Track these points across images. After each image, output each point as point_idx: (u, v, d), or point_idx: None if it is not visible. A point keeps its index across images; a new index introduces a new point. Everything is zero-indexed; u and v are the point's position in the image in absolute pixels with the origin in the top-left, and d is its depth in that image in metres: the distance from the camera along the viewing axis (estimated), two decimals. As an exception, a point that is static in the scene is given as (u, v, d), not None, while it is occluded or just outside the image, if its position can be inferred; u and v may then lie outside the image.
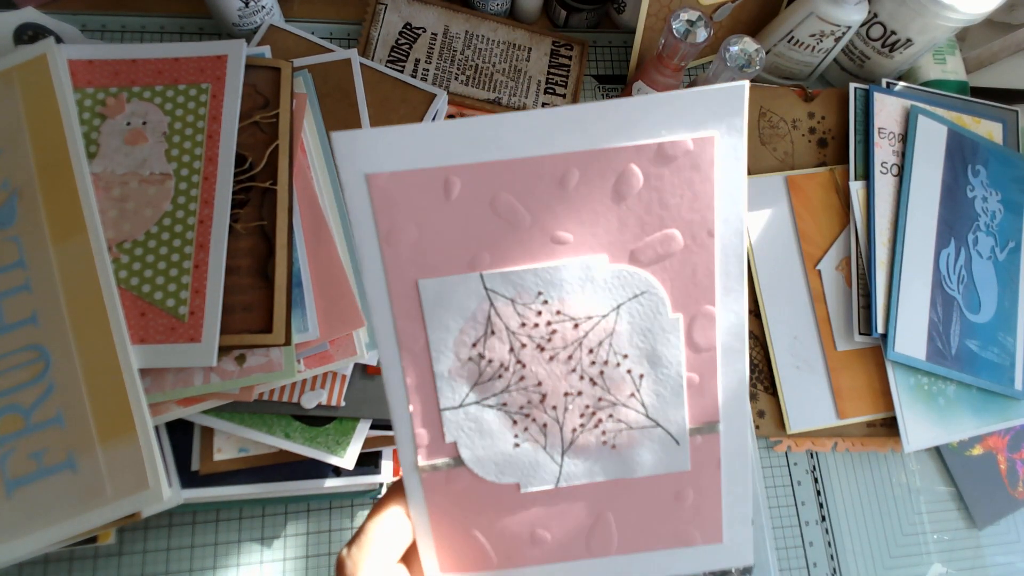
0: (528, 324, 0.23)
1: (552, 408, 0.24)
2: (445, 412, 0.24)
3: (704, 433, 0.25)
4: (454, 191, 0.22)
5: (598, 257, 0.23)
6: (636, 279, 0.23)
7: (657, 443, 0.24)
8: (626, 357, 0.24)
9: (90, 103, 0.40)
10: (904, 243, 0.51)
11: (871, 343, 0.52)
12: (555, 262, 0.23)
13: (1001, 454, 0.54)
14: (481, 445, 0.24)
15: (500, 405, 0.24)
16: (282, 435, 0.40)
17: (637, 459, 0.24)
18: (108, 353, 0.35)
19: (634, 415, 0.24)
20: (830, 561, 0.49)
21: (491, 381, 0.24)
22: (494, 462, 0.24)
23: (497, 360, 0.23)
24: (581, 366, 0.24)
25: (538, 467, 0.24)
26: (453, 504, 0.24)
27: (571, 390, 0.24)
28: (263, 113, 0.42)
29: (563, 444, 0.24)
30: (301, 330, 0.39)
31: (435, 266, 0.22)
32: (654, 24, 0.56)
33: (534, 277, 0.23)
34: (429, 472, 0.24)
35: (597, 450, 0.24)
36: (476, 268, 0.23)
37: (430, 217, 0.22)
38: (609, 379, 0.24)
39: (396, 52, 0.56)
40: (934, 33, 0.54)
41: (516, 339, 0.23)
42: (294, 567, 0.44)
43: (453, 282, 0.23)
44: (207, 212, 0.39)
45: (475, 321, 0.23)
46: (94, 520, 0.34)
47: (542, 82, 0.58)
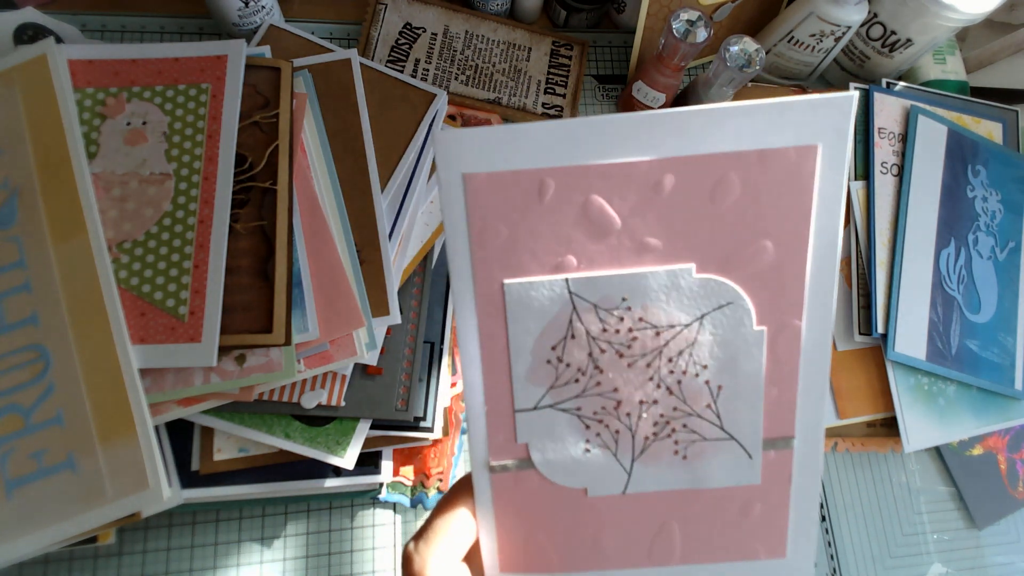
0: (609, 330, 0.23)
1: (626, 415, 0.24)
2: (519, 413, 0.24)
3: (778, 448, 0.24)
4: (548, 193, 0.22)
5: (686, 267, 0.23)
6: (723, 290, 0.23)
7: (729, 455, 0.24)
8: (705, 368, 0.23)
9: (90, 103, 0.40)
10: (904, 243, 0.51)
11: (871, 343, 0.52)
12: (641, 269, 0.23)
13: (1001, 454, 0.54)
14: (552, 448, 0.24)
15: (574, 410, 0.24)
16: (282, 435, 0.40)
17: (707, 470, 0.24)
18: (108, 353, 0.35)
19: (708, 426, 0.24)
20: (830, 561, 0.49)
21: (567, 385, 0.24)
22: (563, 466, 0.24)
23: (575, 364, 0.23)
24: (659, 375, 0.24)
25: (607, 473, 0.24)
26: (519, 505, 0.24)
27: (647, 398, 0.24)
28: (263, 113, 0.42)
29: (634, 451, 0.24)
30: (301, 330, 0.39)
31: (521, 267, 0.23)
32: (654, 24, 0.56)
33: (619, 283, 0.23)
34: (499, 472, 0.24)
35: (668, 459, 0.24)
36: (562, 271, 0.23)
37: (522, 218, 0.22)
38: (686, 389, 0.24)
39: (396, 52, 0.56)
40: (934, 33, 0.54)
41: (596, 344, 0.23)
42: (294, 567, 0.44)
43: (538, 284, 0.23)
44: (207, 212, 0.39)
45: (556, 324, 0.23)
46: (94, 520, 0.34)
47: (542, 82, 0.58)
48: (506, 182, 0.22)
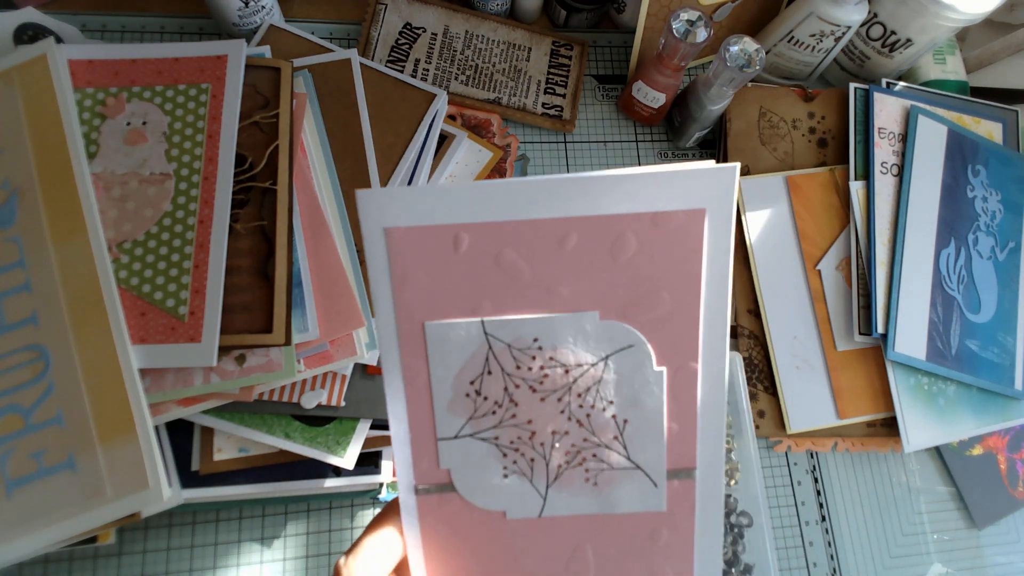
0: (523, 367, 0.25)
1: (540, 445, 0.26)
2: (441, 442, 0.26)
3: (681, 478, 0.26)
4: (463, 246, 0.24)
5: (590, 314, 0.25)
6: (624, 333, 0.25)
7: (636, 484, 0.26)
8: (611, 403, 0.26)
9: (90, 103, 0.40)
10: (904, 243, 0.51)
11: (871, 343, 0.52)
12: (550, 315, 0.25)
13: (1001, 454, 0.54)
14: (472, 474, 0.26)
15: (492, 439, 0.26)
16: (282, 435, 0.40)
17: (616, 497, 0.26)
18: (108, 353, 0.35)
19: (616, 456, 0.26)
20: (830, 561, 0.49)
21: (485, 416, 0.26)
22: (483, 490, 0.26)
23: (492, 398, 0.25)
24: (569, 408, 0.26)
25: (524, 498, 0.26)
26: (443, 525, 0.26)
27: (559, 429, 0.26)
28: (263, 113, 0.42)
29: (548, 478, 0.26)
30: (301, 330, 0.39)
31: (441, 310, 0.25)
32: (654, 24, 0.56)
33: (531, 326, 0.25)
34: (423, 495, 0.26)
35: (580, 486, 0.26)
36: (478, 314, 0.25)
37: (440, 267, 0.24)
38: (595, 422, 0.26)
39: (396, 52, 0.56)
40: (934, 33, 0.54)
41: (511, 380, 0.25)
42: (294, 567, 0.44)
43: (457, 326, 0.25)
44: (207, 212, 0.39)
45: (474, 362, 0.25)
46: (94, 520, 0.34)
47: (542, 82, 0.58)
48: (424, 235, 0.24)
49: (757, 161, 0.56)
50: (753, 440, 0.47)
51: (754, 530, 0.47)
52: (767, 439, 0.52)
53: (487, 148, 0.54)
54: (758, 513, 0.46)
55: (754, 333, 0.53)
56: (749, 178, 0.55)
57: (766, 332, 0.52)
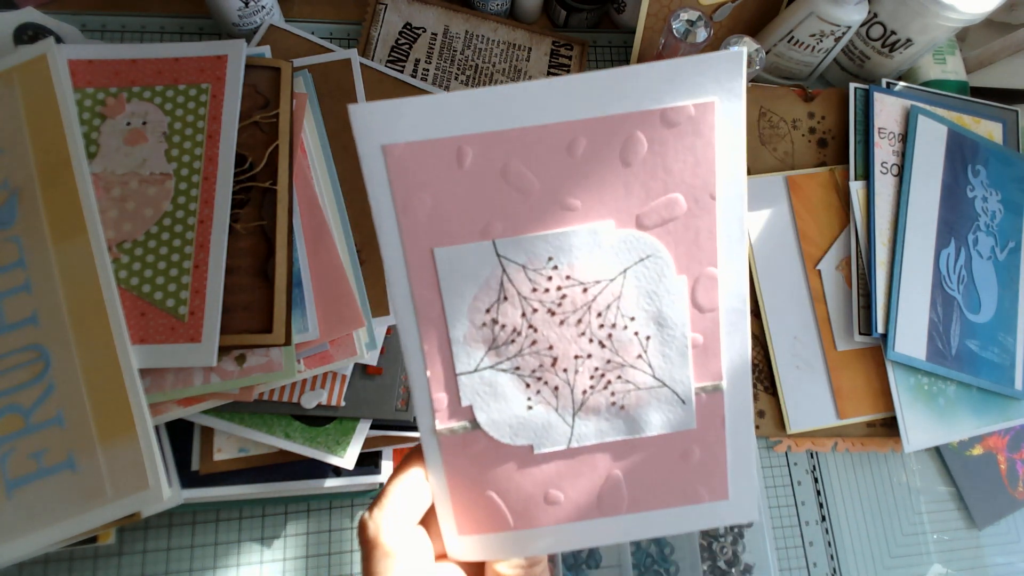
0: (539, 289, 0.24)
1: (563, 371, 0.25)
2: (461, 377, 0.24)
3: (708, 392, 0.25)
4: (467, 160, 0.22)
5: (605, 223, 0.23)
6: (642, 243, 0.24)
7: (664, 402, 0.25)
8: (633, 319, 0.24)
9: (90, 103, 0.40)
10: (904, 243, 0.51)
11: (871, 343, 0.52)
12: (564, 229, 0.23)
13: (1001, 454, 0.54)
14: (496, 408, 0.25)
15: (513, 369, 0.24)
16: (282, 435, 0.40)
17: (645, 418, 0.25)
18: (108, 353, 0.35)
19: (641, 376, 0.25)
20: (830, 561, 0.49)
21: (504, 346, 0.24)
22: (508, 424, 0.25)
23: (510, 325, 0.24)
24: (590, 329, 0.24)
25: (551, 428, 0.25)
26: (470, 466, 0.25)
27: (581, 353, 0.24)
28: (263, 113, 0.42)
29: (574, 405, 0.25)
30: (301, 330, 0.39)
31: (450, 234, 0.23)
32: (654, 24, 0.56)
33: (544, 243, 0.23)
34: (446, 435, 0.25)
35: (607, 410, 0.25)
36: (489, 236, 0.23)
37: (444, 186, 0.23)
38: (617, 341, 0.24)
39: (396, 52, 0.56)
40: (934, 33, 0.54)
41: (528, 304, 0.24)
42: (294, 567, 0.44)
43: (467, 250, 0.23)
44: (207, 212, 0.39)
45: (488, 287, 0.24)
46: (94, 520, 0.34)
47: (542, 82, 0.58)
48: (425, 151, 0.22)
49: (757, 161, 0.56)
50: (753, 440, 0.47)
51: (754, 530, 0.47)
52: (767, 439, 0.52)
53: (487, 148, 0.54)
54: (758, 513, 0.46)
55: (754, 333, 0.53)
56: (749, 178, 0.55)
57: (766, 332, 0.52)
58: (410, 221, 0.23)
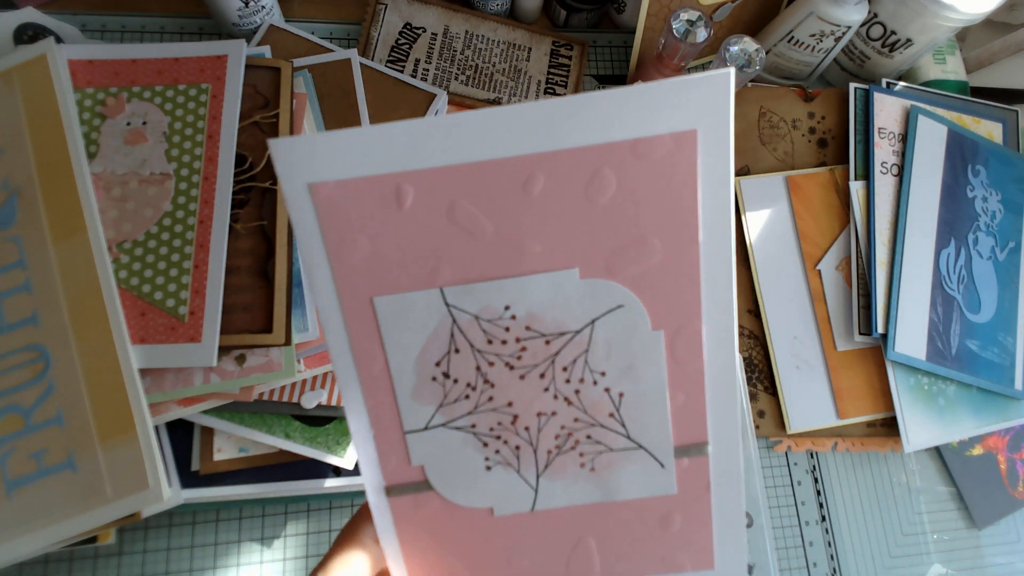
0: (495, 341, 0.22)
1: (525, 429, 0.23)
2: (410, 435, 0.22)
3: (691, 455, 0.23)
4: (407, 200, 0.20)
5: (569, 272, 0.21)
6: (610, 292, 0.21)
7: (640, 465, 0.23)
8: (603, 375, 0.22)
9: (90, 103, 0.40)
10: (904, 243, 0.51)
11: (871, 343, 0.52)
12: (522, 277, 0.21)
13: (1001, 454, 0.54)
14: (450, 469, 0.23)
15: (468, 427, 0.22)
16: (282, 435, 0.40)
17: (619, 482, 0.23)
18: (108, 353, 0.35)
19: (614, 436, 0.23)
20: (830, 561, 0.49)
21: (458, 402, 0.22)
22: (464, 486, 0.23)
23: (463, 380, 0.22)
24: (555, 385, 0.22)
25: (512, 491, 0.23)
26: (424, 529, 0.23)
27: (545, 410, 0.22)
28: (263, 113, 0.42)
29: (538, 466, 0.23)
30: (301, 330, 0.39)
31: (391, 282, 0.21)
32: (654, 24, 0.56)
33: (499, 291, 0.21)
34: (396, 496, 0.23)
35: (575, 473, 0.23)
36: (436, 283, 0.21)
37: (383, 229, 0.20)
38: (585, 398, 0.22)
39: (396, 52, 0.56)
40: (934, 33, 0.54)
41: (483, 357, 0.22)
42: (294, 567, 0.44)
43: (411, 298, 0.21)
44: (207, 212, 0.39)
45: (437, 339, 0.22)
46: (94, 520, 0.34)
47: (542, 82, 0.58)
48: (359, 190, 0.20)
49: (757, 161, 0.56)
50: (753, 440, 0.47)
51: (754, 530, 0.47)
52: (767, 439, 0.52)
53: (487, 148, 0.54)
54: (758, 513, 0.46)
55: (754, 333, 0.53)
56: (749, 178, 0.55)
57: (766, 332, 0.52)
58: (345, 267, 0.21)
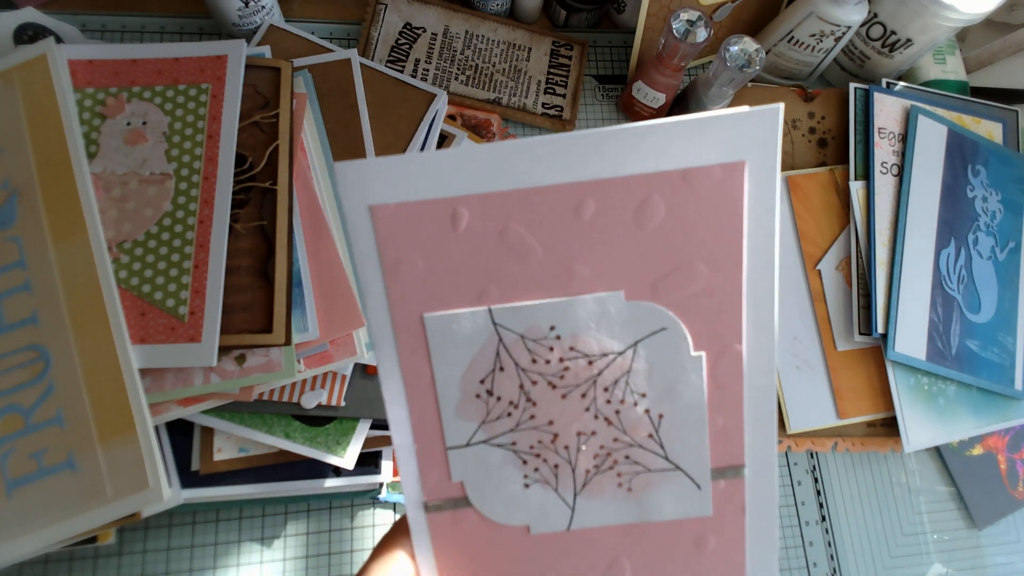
0: (539, 360, 0.22)
1: (564, 448, 0.23)
2: (451, 451, 0.23)
3: (728, 477, 0.23)
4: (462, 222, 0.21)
5: (614, 293, 0.22)
6: (655, 315, 0.22)
7: (676, 487, 0.23)
8: (644, 396, 0.23)
9: (90, 103, 0.40)
10: (904, 243, 0.51)
11: (871, 343, 0.52)
12: (568, 298, 0.22)
13: (1001, 454, 0.54)
14: (489, 486, 0.23)
15: (509, 444, 0.23)
16: (282, 435, 0.40)
17: (655, 503, 0.23)
18: (108, 353, 0.35)
19: (652, 457, 0.23)
20: (830, 561, 0.49)
21: (500, 419, 0.23)
22: (503, 504, 0.23)
23: (506, 398, 0.23)
24: (596, 405, 0.23)
25: (549, 509, 0.23)
26: (460, 546, 0.23)
27: (584, 430, 0.23)
28: (263, 113, 0.42)
29: (576, 486, 0.23)
30: (301, 330, 0.39)
31: (442, 300, 0.22)
32: (654, 24, 0.56)
33: (545, 312, 0.22)
34: (435, 512, 0.23)
35: (612, 493, 0.23)
36: (484, 302, 0.22)
37: (437, 249, 0.21)
38: (625, 419, 0.23)
39: (396, 52, 0.56)
40: (934, 33, 0.54)
41: (526, 376, 0.22)
42: (294, 567, 0.44)
43: (460, 316, 0.22)
44: (207, 212, 0.39)
45: (483, 357, 0.22)
46: (94, 520, 0.34)
47: (542, 82, 0.58)
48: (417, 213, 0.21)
49: (757, 161, 0.56)
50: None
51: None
52: (767, 439, 0.52)
53: (487, 148, 0.54)
54: None
55: (754, 333, 0.53)
56: (749, 178, 0.55)
57: (766, 332, 0.52)
58: (399, 285, 0.21)
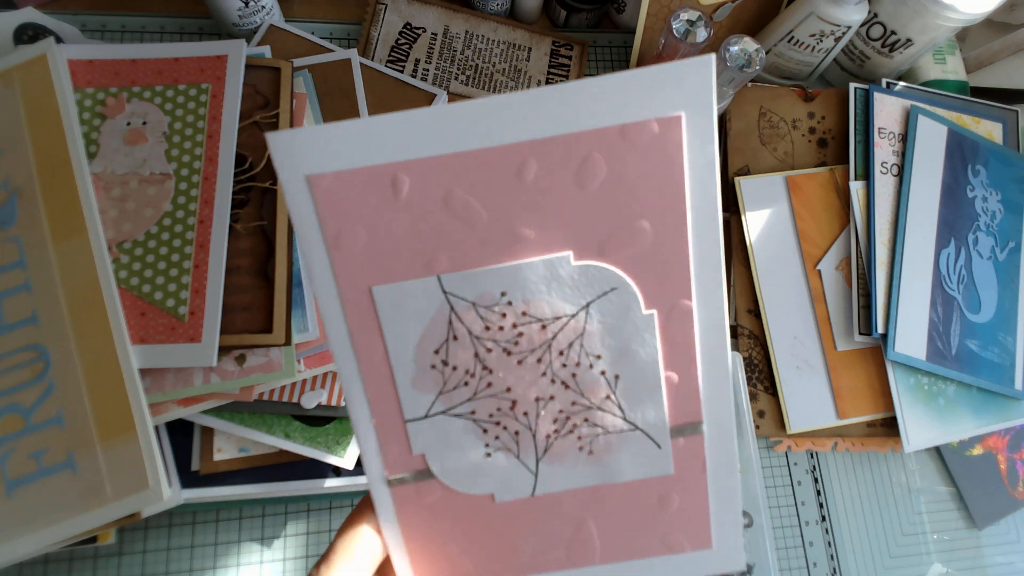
0: (492, 328, 0.22)
1: (523, 414, 0.23)
2: (410, 423, 0.23)
3: (686, 434, 0.23)
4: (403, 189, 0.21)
5: (562, 254, 0.22)
6: (604, 275, 0.22)
7: (637, 447, 0.23)
8: (599, 358, 0.23)
9: (90, 103, 0.40)
10: (904, 243, 0.51)
11: (871, 343, 0.52)
12: (517, 262, 0.22)
13: (1001, 454, 0.54)
14: (451, 456, 0.23)
15: (468, 414, 0.23)
16: (282, 435, 0.40)
17: (617, 464, 0.23)
18: (108, 353, 0.35)
19: (611, 418, 0.23)
20: (830, 561, 0.49)
21: (457, 389, 0.23)
22: (465, 473, 0.23)
23: (462, 367, 0.22)
24: (552, 369, 0.23)
25: (512, 476, 0.23)
26: (426, 518, 0.23)
27: (542, 395, 0.23)
28: (263, 113, 0.42)
29: (537, 451, 0.23)
30: (301, 330, 0.39)
31: (389, 271, 0.21)
32: (654, 24, 0.56)
33: (495, 278, 0.22)
34: (398, 486, 0.23)
35: (574, 456, 0.23)
36: (433, 271, 0.22)
37: (380, 219, 0.21)
38: (582, 382, 0.23)
39: (396, 52, 0.56)
40: (934, 33, 0.54)
41: (480, 344, 0.22)
42: (294, 567, 0.44)
43: (409, 287, 0.22)
44: (207, 212, 0.39)
45: (436, 327, 0.22)
46: (94, 520, 0.34)
47: (542, 82, 0.58)
48: (356, 181, 0.20)
49: (757, 161, 0.56)
50: (753, 440, 0.47)
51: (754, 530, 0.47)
52: (767, 439, 0.52)
53: (487, 148, 0.54)
54: (758, 513, 0.46)
55: (754, 333, 0.53)
56: (749, 178, 0.55)
57: (766, 332, 0.52)
58: (343, 257, 0.21)
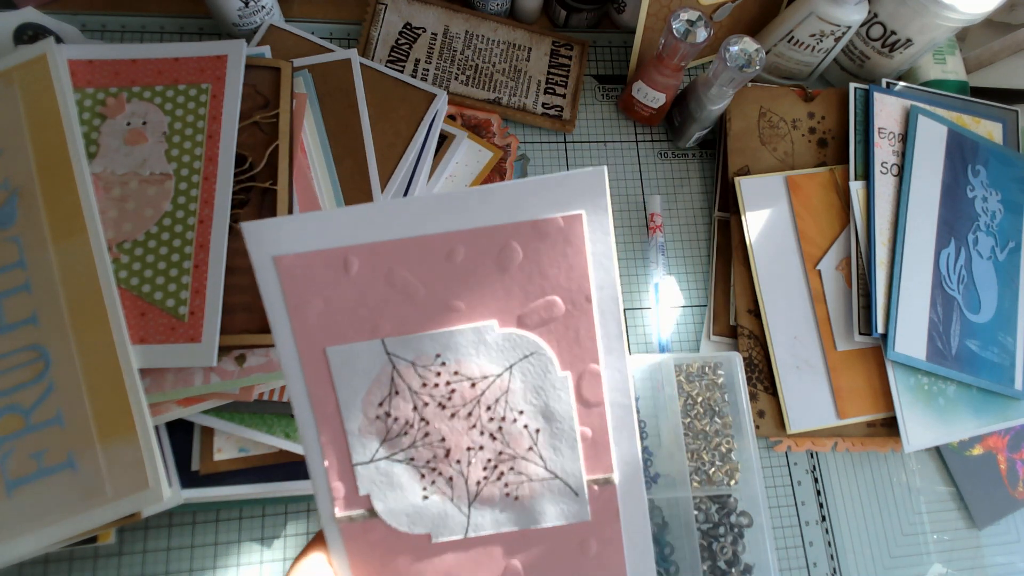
0: (429, 384, 0.25)
1: (456, 462, 0.26)
2: (357, 467, 0.26)
3: (601, 485, 0.26)
4: (353, 268, 0.24)
5: (488, 323, 0.25)
6: (524, 341, 0.25)
7: (558, 494, 0.26)
8: (522, 413, 0.26)
9: (90, 103, 0.40)
10: (904, 243, 0.51)
11: (871, 343, 0.52)
12: (450, 328, 0.25)
13: (1001, 454, 0.54)
14: (392, 497, 0.26)
15: (408, 460, 0.26)
16: (282, 435, 0.40)
17: (540, 509, 0.26)
18: (108, 353, 0.35)
19: (534, 468, 0.26)
20: (830, 561, 0.49)
21: (398, 437, 0.26)
22: (405, 513, 0.26)
23: (403, 418, 0.26)
24: (481, 422, 0.26)
25: (447, 518, 0.26)
26: (371, 552, 0.26)
27: (473, 445, 0.26)
28: (263, 113, 0.42)
29: (469, 496, 0.26)
30: (301, 330, 0.39)
31: (341, 334, 0.25)
32: (654, 24, 0.56)
33: (431, 341, 0.25)
34: (346, 523, 0.26)
35: (501, 501, 0.26)
36: (378, 335, 0.25)
37: (334, 291, 0.25)
38: (508, 434, 0.26)
39: (396, 52, 0.56)
40: (934, 33, 0.54)
41: (419, 398, 0.25)
42: (294, 567, 0.44)
43: (358, 348, 0.25)
44: (207, 212, 0.39)
45: (380, 382, 0.25)
46: (94, 520, 0.34)
47: (542, 82, 0.58)
48: (314, 261, 0.24)
49: (757, 161, 0.56)
50: (753, 440, 0.47)
51: (754, 530, 0.47)
52: (767, 439, 0.52)
53: (487, 148, 0.54)
54: (758, 513, 0.46)
55: (754, 333, 0.53)
56: (749, 178, 0.55)
57: (766, 332, 0.52)
58: (302, 323, 0.25)
